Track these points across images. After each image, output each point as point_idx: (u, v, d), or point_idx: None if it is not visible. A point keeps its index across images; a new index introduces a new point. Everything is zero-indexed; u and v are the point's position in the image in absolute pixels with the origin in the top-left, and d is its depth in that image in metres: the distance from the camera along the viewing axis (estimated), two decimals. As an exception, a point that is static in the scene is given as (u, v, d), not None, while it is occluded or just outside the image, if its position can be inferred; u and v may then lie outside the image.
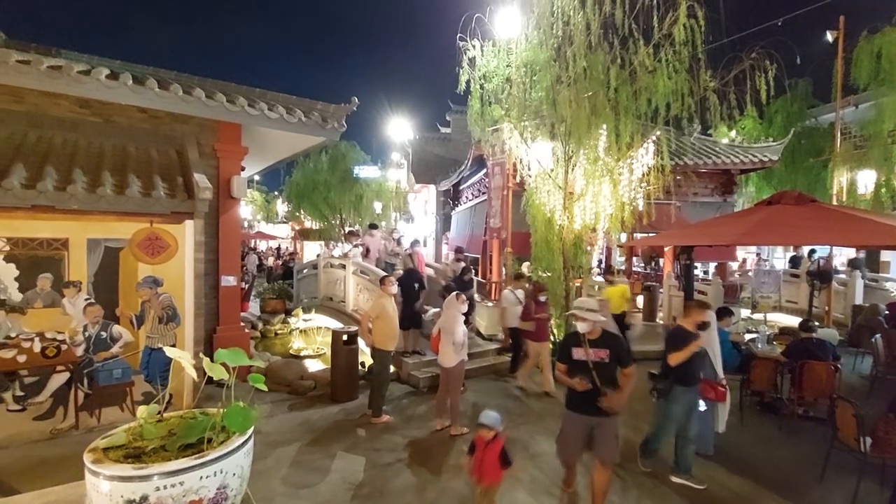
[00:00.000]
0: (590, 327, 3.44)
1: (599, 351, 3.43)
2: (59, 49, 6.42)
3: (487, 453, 3.27)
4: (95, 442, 1.31)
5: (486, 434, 3.30)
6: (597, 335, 3.47)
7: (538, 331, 6.58)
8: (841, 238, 5.25)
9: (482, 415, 3.35)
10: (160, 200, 5.35)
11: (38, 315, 6.39)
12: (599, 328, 3.47)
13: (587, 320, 3.44)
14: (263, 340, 10.58)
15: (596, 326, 3.46)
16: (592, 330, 3.46)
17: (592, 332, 3.47)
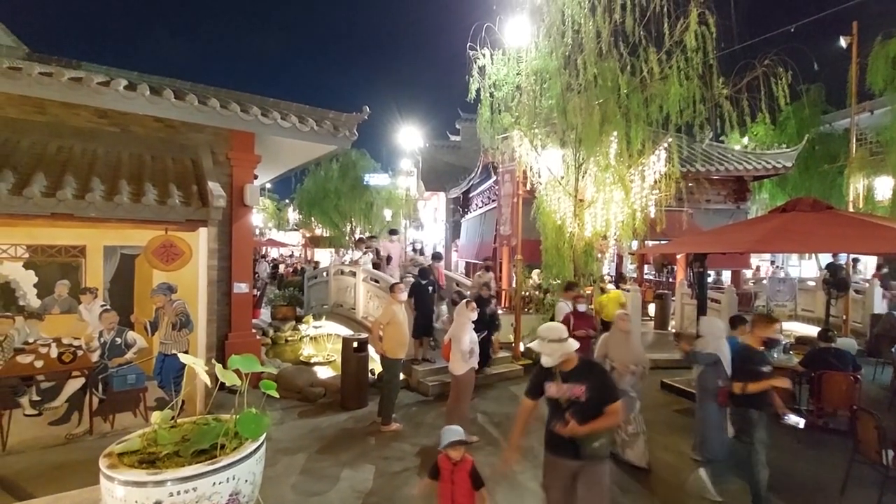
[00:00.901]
0: (557, 361, 2.81)
1: (574, 386, 2.78)
2: (78, 61, 6.59)
3: (457, 476, 2.83)
4: (111, 447, 1.33)
5: (454, 453, 2.84)
6: (572, 366, 2.84)
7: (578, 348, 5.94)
8: (858, 246, 5.15)
9: (445, 431, 2.89)
10: (175, 208, 5.44)
11: (56, 321, 6.50)
12: (574, 357, 2.86)
13: (549, 354, 2.82)
14: (274, 347, 10.63)
15: (571, 356, 2.84)
16: (566, 361, 2.84)
17: (566, 363, 2.85)
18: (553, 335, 2.84)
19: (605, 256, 8.47)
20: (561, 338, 2.83)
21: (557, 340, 2.82)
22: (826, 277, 9.58)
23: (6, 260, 6.65)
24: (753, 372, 3.64)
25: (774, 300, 10.53)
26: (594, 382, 2.79)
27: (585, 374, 2.83)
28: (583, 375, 2.82)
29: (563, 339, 2.83)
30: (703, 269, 6.93)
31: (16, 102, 5.55)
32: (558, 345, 2.81)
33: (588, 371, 2.86)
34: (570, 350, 2.84)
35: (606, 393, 2.78)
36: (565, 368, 2.85)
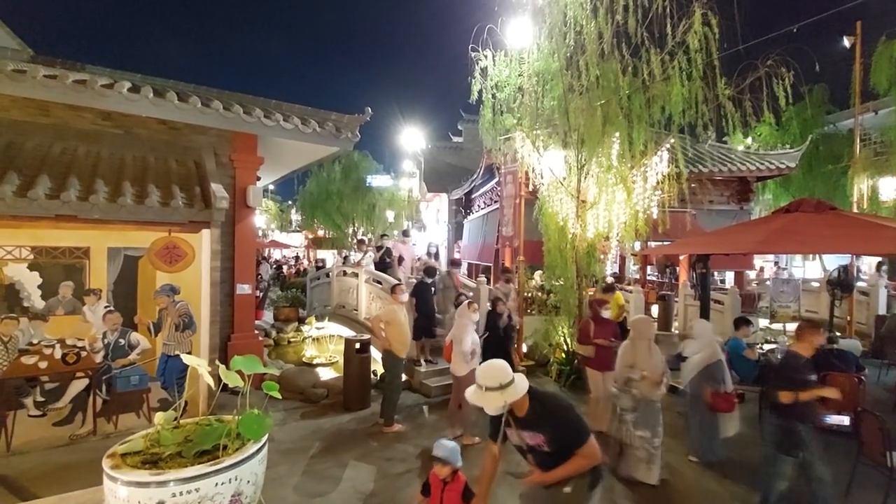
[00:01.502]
0: (501, 410, 2.36)
1: (534, 435, 2.41)
2: (82, 64, 6.63)
3: (448, 496, 2.61)
4: (114, 447, 1.33)
5: (441, 470, 2.60)
6: (524, 411, 2.40)
7: (599, 357, 5.34)
8: (863, 246, 5.13)
9: (436, 445, 2.67)
10: (178, 210, 5.46)
11: (60, 322, 6.54)
12: (526, 401, 2.41)
13: (490, 408, 2.37)
14: (277, 348, 10.67)
15: (520, 402, 2.39)
16: (517, 406, 2.39)
17: (519, 408, 2.40)
18: (491, 382, 2.33)
19: (608, 257, 8.43)
20: (502, 384, 2.32)
21: (497, 388, 2.31)
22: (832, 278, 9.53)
23: (11, 261, 6.69)
24: (801, 381, 3.39)
25: (778, 301, 10.48)
26: (555, 429, 2.36)
27: (543, 420, 2.37)
28: (540, 423, 2.38)
29: (505, 386, 2.32)
30: (705, 270, 6.91)
31: (20, 105, 5.58)
32: (498, 394, 2.31)
33: (545, 416, 2.38)
34: (517, 395, 2.35)
35: (572, 437, 2.36)
36: (520, 413, 2.41)
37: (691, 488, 4.19)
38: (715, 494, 4.13)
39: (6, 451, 4.65)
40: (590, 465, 2.37)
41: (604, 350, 5.26)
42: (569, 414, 2.42)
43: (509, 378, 2.35)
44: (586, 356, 5.50)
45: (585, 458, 2.35)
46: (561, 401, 2.52)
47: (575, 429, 2.37)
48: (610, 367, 4.96)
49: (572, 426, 2.38)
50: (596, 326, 5.39)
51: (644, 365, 4.22)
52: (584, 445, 2.34)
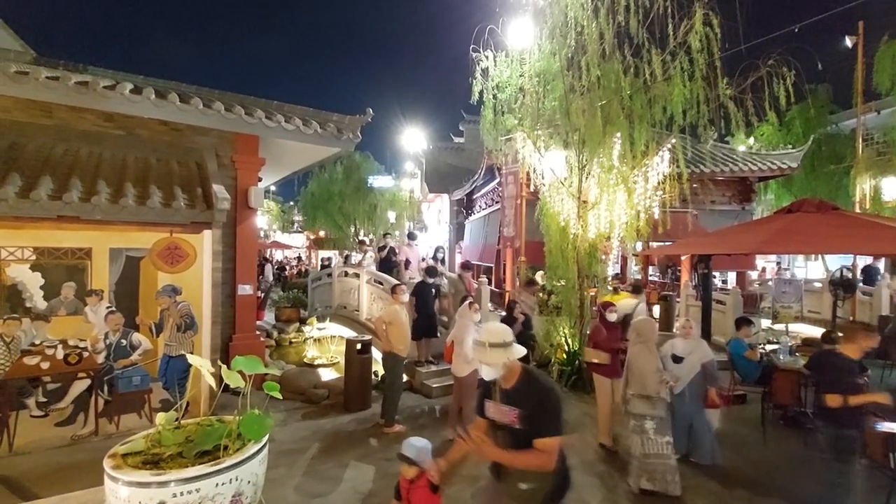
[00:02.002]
0: (497, 373, 2.23)
1: (511, 410, 2.22)
2: (85, 65, 6.66)
3: (414, 495, 2.45)
4: (115, 448, 1.34)
5: (407, 471, 2.44)
6: (513, 382, 2.26)
7: (612, 363, 5.05)
8: (865, 246, 5.12)
9: (404, 445, 2.54)
10: (180, 211, 5.47)
11: (62, 323, 6.56)
12: (518, 370, 2.27)
13: (491, 363, 2.22)
14: (278, 349, 10.68)
15: (514, 368, 2.26)
16: (507, 375, 2.25)
17: (508, 376, 2.26)
18: (495, 338, 2.24)
19: (609, 258, 8.42)
20: (505, 342, 2.24)
21: (501, 345, 2.22)
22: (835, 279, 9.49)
23: (13, 262, 6.71)
24: (852, 384, 3.26)
25: (780, 301, 10.44)
26: (532, 408, 2.16)
27: (525, 395, 2.21)
28: (522, 397, 2.21)
29: (508, 344, 2.24)
30: (707, 271, 6.91)
31: (23, 106, 5.60)
32: (502, 351, 2.21)
33: (528, 391, 2.22)
34: (518, 355, 2.26)
35: (542, 423, 2.14)
36: (506, 385, 2.27)
37: (693, 491, 4.18)
38: (717, 496, 4.11)
39: (8, 451, 4.66)
40: (542, 464, 2.11)
41: (614, 356, 5.05)
42: (552, 398, 2.22)
43: (511, 338, 2.30)
44: (597, 363, 5.10)
45: (542, 454, 2.10)
46: (551, 383, 2.36)
47: (551, 416, 2.17)
48: (619, 373, 4.78)
49: (550, 412, 2.18)
50: (607, 331, 5.15)
51: (647, 368, 4.10)
52: (548, 439, 2.11)
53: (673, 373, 4.41)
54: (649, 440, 4.01)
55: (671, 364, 4.49)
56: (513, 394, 2.25)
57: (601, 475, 4.46)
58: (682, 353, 4.56)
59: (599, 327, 5.26)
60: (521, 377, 2.27)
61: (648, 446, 4.01)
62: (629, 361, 4.24)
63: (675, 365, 4.51)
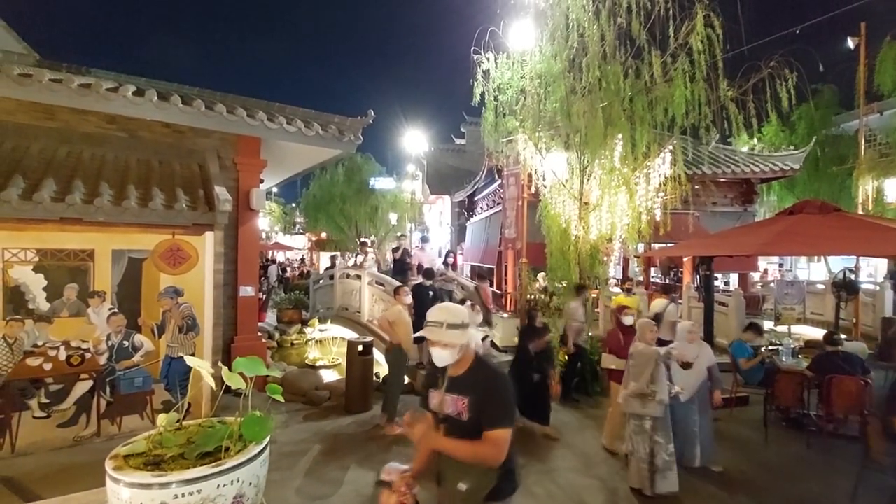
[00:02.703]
0: (452, 358, 2.01)
1: (458, 398, 2.00)
2: (88, 68, 6.68)
3: None
4: (116, 449, 1.34)
5: (388, 499, 2.08)
6: (464, 368, 2.05)
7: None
8: (867, 248, 5.10)
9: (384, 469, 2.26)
10: (182, 212, 5.49)
11: (64, 324, 6.58)
12: (471, 357, 2.07)
13: (447, 345, 1.99)
14: (280, 350, 10.70)
15: (467, 354, 2.06)
16: (460, 361, 2.04)
17: (458, 366, 2.05)
18: (453, 318, 2.00)
19: (611, 259, 8.40)
20: (464, 322, 2.01)
21: (459, 326, 1.99)
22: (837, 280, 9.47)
23: (16, 264, 6.74)
24: None
25: (782, 303, 10.41)
26: (483, 396, 1.95)
27: (476, 383, 1.99)
28: (471, 385, 1.99)
29: (466, 326, 2.02)
30: (709, 273, 6.89)
31: (26, 108, 5.63)
32: (460, 333, 1.98)
33: (480, 379, 2.01)
34: (470, 343, 2.07)
35: (493, 413, 1.93)
36: (456, 372, 2.06)
37: (694, 493, 4.16)
38: (718, 499, 4.10)
39: (11, 452, 4.67)
40: (491, 457, 1.89)
41: None
42: (503, 386, 2.01)
43: (468, 321, 2.07)
44: (614, 368, 4.85)
45: (491, 446, 1.89)
46: (503, 372, 2.16)
47: (502, 406, 1.96)
48: None
49: (502, 401, 1.97)
50: (624, 336, 4.90)
51: (648, 369, 4.06)
52: (499, 430, 1.90)
53: (682, 379, 4.31)
54: (649, 440, 4.01)
55: (680, 371, 4.36)
56: (461, 382, 2.03)
57: (602, 477, 4.45)
58: (689, 358, 4.45)
59: (615, 332, 5.09)
60: (473, 364, 2.06)
61: (648, 446, 4.01)
62: (630, 362, 4.19)
63: (684, 372, 4.37)
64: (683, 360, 4.38)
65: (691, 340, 4.55)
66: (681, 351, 4.40)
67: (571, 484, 4.32)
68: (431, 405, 2.13)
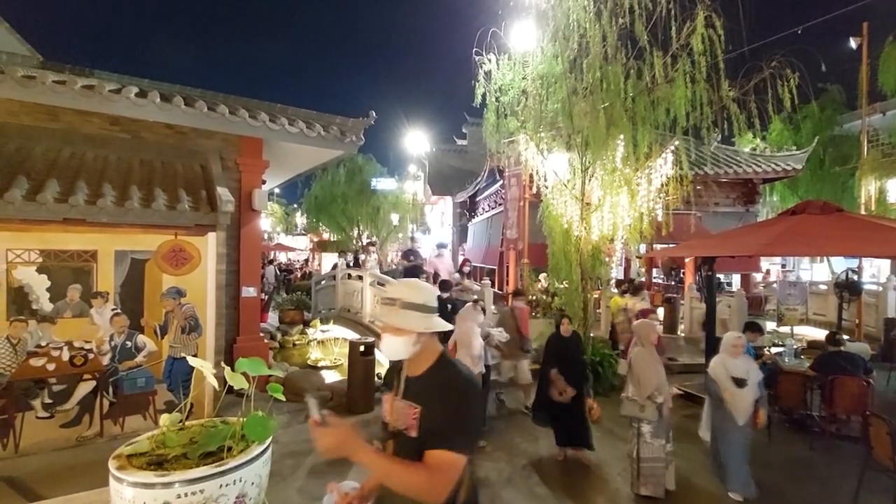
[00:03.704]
0: (406, 351, 1.55)
1: (410, 407, 1.53)
2: (91, 69, 6.71)
3: None
4: (120, 449, 1.35)
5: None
6: (424, 368, 1.57)
7: None
8: (869, 248, 5.08)
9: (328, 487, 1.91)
10: (185, 213, 5.51)
11: (67, 324, 6.60)
12: (435, 354, 1.58)
13: (399, 331, 1.54)
14: (282, 351, 10.70)
15: (429, 349, 1.57)
16: (419, 357, 1.57)
17: (417, 363, 1.58)
18: (413, 296, 1.56)
19: (613, 260, 8.39)
20: (426, 304, 1.57)
21: (418, 308, 1.55)
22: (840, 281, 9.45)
23: (20, 264, 6.77)
24: None
25: (785, 304, 10.40)
26: (437, 407, 1.46)
27: (432, 390, 1.51)
28: (428, 392, 1.51)
29: (429, 309, 1.57)
30: (711, 273, 6.87)
31: (30, 110, 5.66)
32: (418, 316, 1.54)
33: (438, 385, 1.51)
34: (439, 328, 1.58)
35: (445, 430, 1.43)
36: (414, 372, 1.59)
37: (698, 495, 4.16)
38: (719, 500, 4.09)
39: (14, 452, 4.69)
40: (428, 489, 1.37)
41: None
42: (463, 399, 1.49)
43: (436, 306, 1.62)
44: None
45: (424, 475, 1.38)
46: (468, 378, 1.57)
47: (455, 421, 1.44)
48: None
49: (456, 415, 1.45)
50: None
51: (650, 372, 4.00)
52: (443, 453, 1.40)
53: (739, 400, 3.91)
54: (645, 443, 3.97)
55: (733, 388, 3.96)
56: (416, 386, 1.56)
57: (604, 479, 4.45)
58: (741, 373, 4.00)
59: None
60: (434, 366, 1.56)
61: (644, 450, 3.98)
62: (630, 364, 4.13)
63: (738, 392, 3.94)
64: (734, 377, 3.98)
65: (736, 354, 4.09)
66: (728, 367, 4.03)
67: (572, 484, 4.32)
68: (383, 413, 1.67)
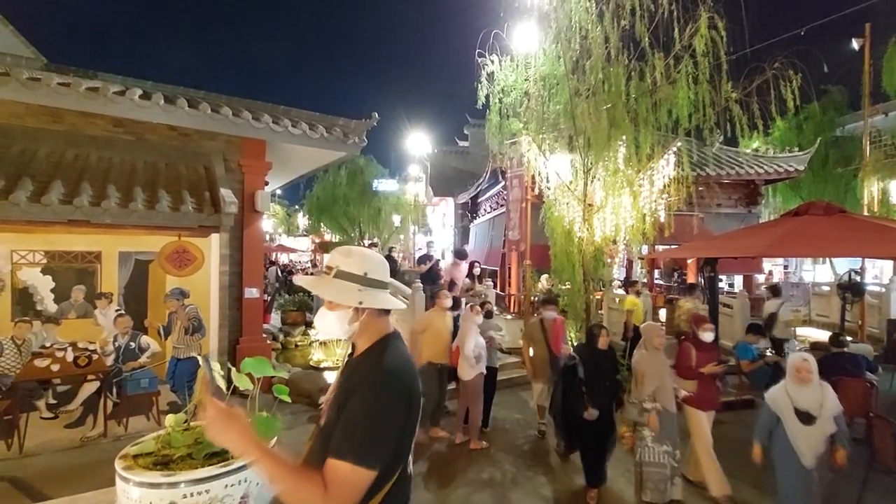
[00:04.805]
0: (341, 330, 1.33)
1: (334, 392, 1.37)
2: (95, 71, 6.75)
3: None
4: (126, 449, 1.36)
5: None
6: (363, 348, 1.35)
7: (704, 392, 4.09)
8: (872, 249, 5.08)
9: None
10: (188, 215, 5.53)
11: (72, 325, 6.63)
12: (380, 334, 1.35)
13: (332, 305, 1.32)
14: (284, 352, 10.70)
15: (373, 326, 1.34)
16: (363, 337, 1.34)
17: (361, 336, 1.34)
18: (351, 264, 1.32)
19: (615, 261, 8.38)
20: (365, 275, 1.32)
21: (353, 278, 1.31)
22: (843, 282, 9.42)
23: (25, 266, 6.80)
24: None
25: (788, 305, 10.36)
26: (352, 399, 1.21)
27: (361, 376, 1.26)
28: (356, 378, 1.27)
29: (370, 282, 1.32)
30: (713, 274, 6.87)
31: (35, 112, 5.70)
32: (352, 288, 1.30)
33: (361, 371, 1.29)
34: (380, 304, 1.31)
35: (343, 430, 1.18)
36: (356, 353, 1.38)
37: (700, 496, 4.15)
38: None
39: (19, 452, 4.71)
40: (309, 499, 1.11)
41: (708, 383, 4.13)
42: (384, 398, 1.20)
43: (381, 279, 1.35)
44: (687, 392, 4.12)
45: (317, 487, 1.11)
46: (397, 375, 1.26)
47: (365, 425, 1.16)
48: (716, 404, 4.17)
49: (363, 417, 1.17)
50: (698, 353, 4.17)
51: (656, 375, 3.92)
52: (340, 464, 1.13)
53: (804, 439, 3.23)
54: (647, 447, 3.91)
55: (797, 426, 3.24)
56: (348, 369, 1.36)
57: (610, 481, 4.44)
58: (810, 406, 3.25)
59: (688, 348, 4.22)
60: (374, 347, 1.32)
61: (646, 454, 3.92)
62: (634, 368, 4.06)
63: (805, 429, 3.22)
64: (800, 409, 3.26)
65: (805, 381, 3.31)
66: (794, 397, 3.31)
67: (578, 487, 4.32)
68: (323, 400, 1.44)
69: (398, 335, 1.38)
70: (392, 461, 1.23)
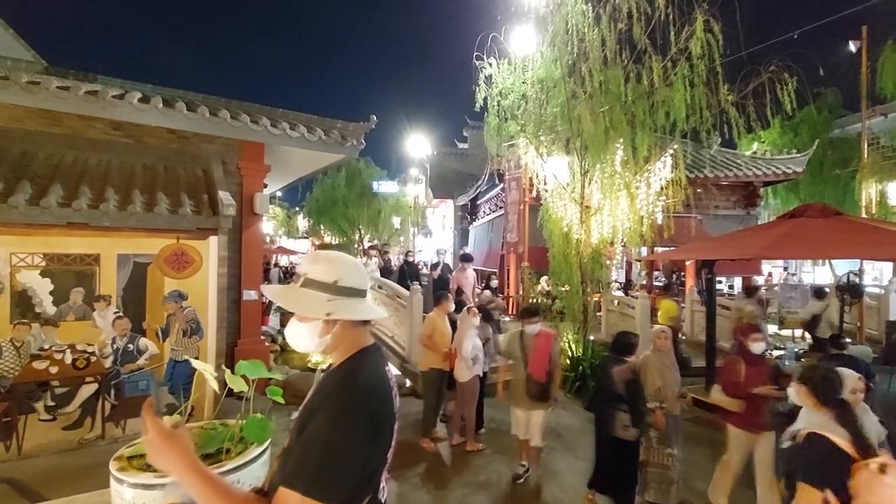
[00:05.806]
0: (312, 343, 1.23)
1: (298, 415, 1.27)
2: (94, 75, 6.78)
3: None
4: (120, 450, 1.38)
5: None
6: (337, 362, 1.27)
7: (752, 411, 3.59)
8: (868, 251, 5.10)
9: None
10: (186, 217, 5.55)
11: (70, 327, 6.62)
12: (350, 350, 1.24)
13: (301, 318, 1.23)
14: (282, 354, 10.71)
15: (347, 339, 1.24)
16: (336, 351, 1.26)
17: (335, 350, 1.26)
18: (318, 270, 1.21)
19: (613, 263, 8.40)
20: (336, 283, 1.20)
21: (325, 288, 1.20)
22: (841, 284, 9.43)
23: (23, 268, 6.80)
24: None
25: (786, 307, 10.37)
26: (314, 421, 1.12)
27: (319, 392, 1.23)
28: (317, 394, 1.24)
29: (341, 291, 1.20)
30: (711, 276, 6.89)
31: (34, 115, 5.72)
32: (321, 298, 1.19)
33: (328, 386, 1.22)
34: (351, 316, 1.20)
35: (295, 456, 1.13)
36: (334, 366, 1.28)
37: (701, 497, 4.16)
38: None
39: (17, 454, 4.73)
40: None
41: (757, 401, 3.57)
42: (345, 421, 1.09)
43: (358, 287, 1.23)
44: (731, 410, 3.68)
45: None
46: (365, 393, 1.15)
47: (321, 449, 1.06)
48: (764, 424, 3.54)
49: (317, 442, 1.08)
50: (748, 367, 3.71)
51: (654, 377, 3.89)
52: (288, 493, 1.02)
53: None
54: (651, 448, 3.92)
55: None
56: (326, 382, 1.24)
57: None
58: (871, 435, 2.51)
59: (736, 361, 3.81)
60: (348, 362, 1.22)
61: (650, 454, 3.93)
62: (639, 369, 4.00)
63: None
64: None
65: (857, 404, 2.80)
66: None
67: (574, 486, 4.32)
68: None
69: (377, 348, 1.27)
70: (354, 492, 1.07)
